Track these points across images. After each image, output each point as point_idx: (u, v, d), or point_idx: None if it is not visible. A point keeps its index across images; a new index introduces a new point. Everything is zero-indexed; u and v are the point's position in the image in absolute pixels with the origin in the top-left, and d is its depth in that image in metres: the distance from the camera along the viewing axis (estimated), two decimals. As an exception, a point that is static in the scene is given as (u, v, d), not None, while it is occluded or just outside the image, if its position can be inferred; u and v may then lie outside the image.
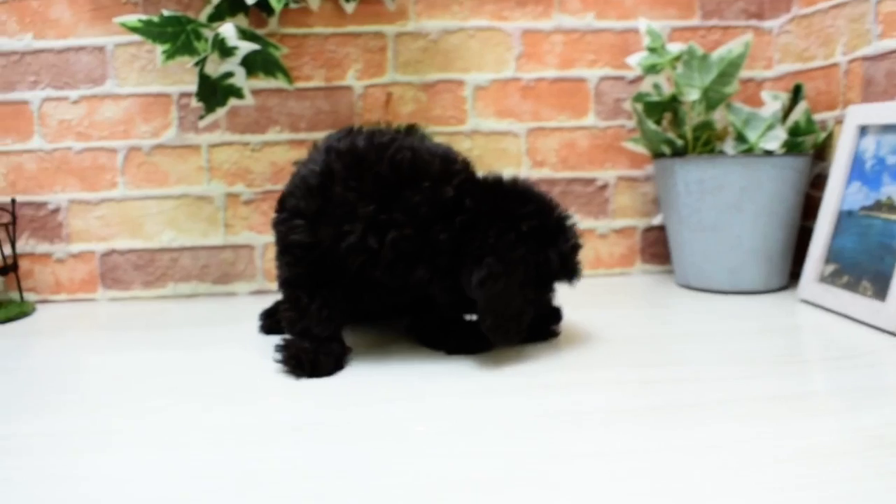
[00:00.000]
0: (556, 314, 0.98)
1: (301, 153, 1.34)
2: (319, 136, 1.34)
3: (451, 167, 0.88)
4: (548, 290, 0.93)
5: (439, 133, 1.36)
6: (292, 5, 1.24)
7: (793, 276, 1.27)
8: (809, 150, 1.23)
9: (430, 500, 0.53)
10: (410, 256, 0.85)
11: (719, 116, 1.27)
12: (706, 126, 1.24)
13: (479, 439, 0.64)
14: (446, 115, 1.37)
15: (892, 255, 0.97)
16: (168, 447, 0.65)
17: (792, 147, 1.22)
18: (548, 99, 1.39)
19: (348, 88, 1.36)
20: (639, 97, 1.29)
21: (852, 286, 1.04)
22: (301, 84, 1.35)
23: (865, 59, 1.14)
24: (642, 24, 1.27)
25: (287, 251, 0.90)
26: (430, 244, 0.84)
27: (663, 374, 0.81)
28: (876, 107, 1.09)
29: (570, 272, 0.90)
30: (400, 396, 0.76)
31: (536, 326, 0.95)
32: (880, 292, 0.98)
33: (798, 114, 1.22)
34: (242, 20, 1.26)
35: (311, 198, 0.87)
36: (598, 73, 1.40)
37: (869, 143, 1.09)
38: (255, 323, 1.08)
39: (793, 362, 0.85)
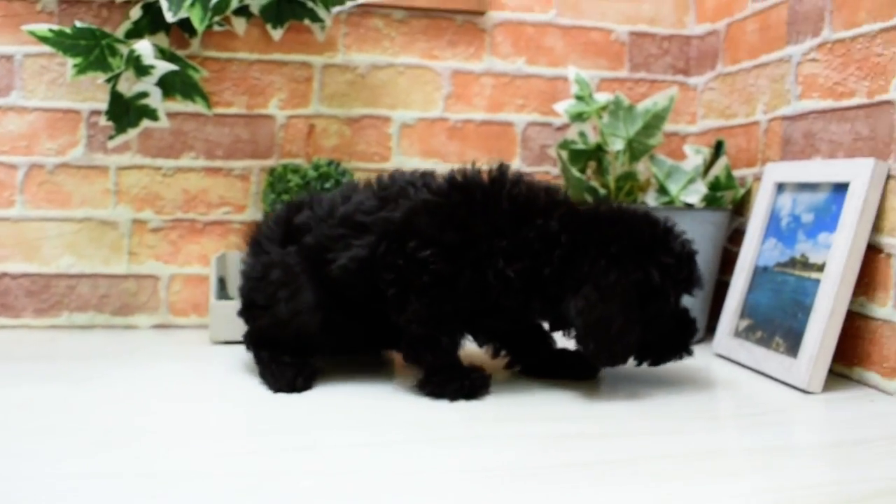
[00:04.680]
0: (688, 327, 0.95)
1: (217, 181, 1.29)
2: (237, 164, 1.30)
3: (555, 199, 0.92)
4: (659, 305, 0.89)
5: (362, 169, 1.32)
6: (216, 28, 1.20)
7: (709, 329, 1.27)
8: (728, 205, 1.25)
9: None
10: (523, 289, 0.87)
11: (643, 167, 1.28)
12: (629, 176, 1.24)
13: (377, 496, 0.60)
14: (370, 152, 1.34)
15: (804, 312, 0.98)
16: (35, 498, 0.58)
17: (711, 201, 1.23)
18: (474, 141, 1.38)
19: (270, 118, 1.31)
20: (564, 144, 1.29)
21: (766, 342, 1.05)
22: (220, 110, 1.30)
23: (784, 118, 1.16)
24: (571, 71, 1.27)
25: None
26: (538, 277, 0.87)
27: (573, 430, 0.78)
28: (793, 165, 1.11)
29: (683, 282, 0.90)
30: (294, 446, 0.71)
31: (670, 345, 0.94)
32: (792, 349, 0.98)
33: (718, 169, 1.24)
34: (163, 39, 1.21)
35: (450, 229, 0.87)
36: (526, 118, 1.39)
37: (786, 200, 1.10)
38: (152, 358, 1.01)
39: (705, 418, 0.84)
